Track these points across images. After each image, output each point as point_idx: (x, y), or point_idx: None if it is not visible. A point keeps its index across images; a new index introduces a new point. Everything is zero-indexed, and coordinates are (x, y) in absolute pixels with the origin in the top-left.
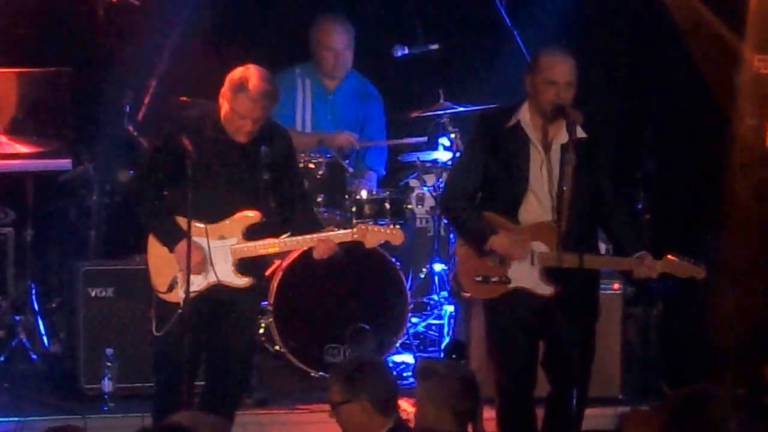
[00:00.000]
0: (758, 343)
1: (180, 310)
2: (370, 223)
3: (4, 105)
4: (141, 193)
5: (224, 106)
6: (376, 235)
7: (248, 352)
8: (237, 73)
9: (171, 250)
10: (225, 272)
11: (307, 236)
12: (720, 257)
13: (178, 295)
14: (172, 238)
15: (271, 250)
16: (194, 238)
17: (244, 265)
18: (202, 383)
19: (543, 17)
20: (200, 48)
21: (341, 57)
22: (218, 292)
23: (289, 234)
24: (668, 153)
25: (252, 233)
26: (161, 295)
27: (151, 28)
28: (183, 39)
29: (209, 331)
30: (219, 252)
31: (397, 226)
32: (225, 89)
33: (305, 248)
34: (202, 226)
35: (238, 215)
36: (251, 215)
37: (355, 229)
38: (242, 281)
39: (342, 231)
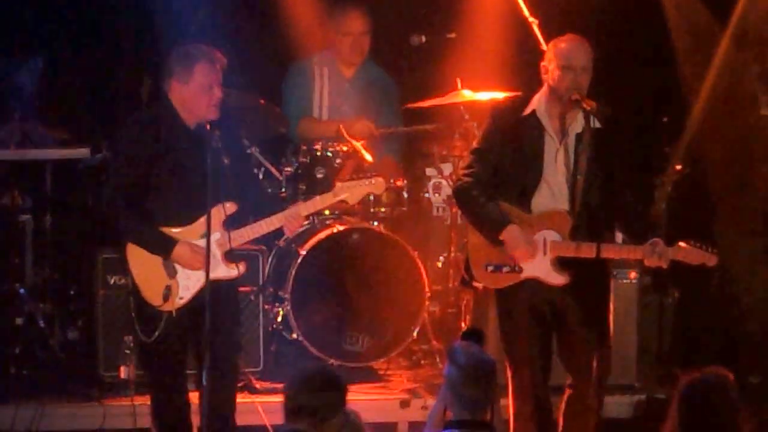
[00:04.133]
0: None
1: (169, 314)
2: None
3: (23, 92)
4: (119, 203)
5: (181, 93)
6: (358, 189)
7: (238, 336)
8: (180, 52)
9: (166, 258)
10: (217, 267)
11: (289, 210)
12: (737, 247)
13: (176, 302)
14: (165, 245)
15: (257, 234)
16: (185, 240)
17: (231, 255)
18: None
19: (559, 5)
20: (218, 38)
21: (358, 42)
22: (211, 288)
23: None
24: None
25: (230, 223)
26: (157, 307)
27: (169, 15)
28: (201, 29)
29: (196, 328)
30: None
31: (374, 177)
32: (177, 73)
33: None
34: (178, 230)
35: (214, 210)
36: (227, 206)
37: (335, 190)
38: (236, 270)
39: (323, 195)
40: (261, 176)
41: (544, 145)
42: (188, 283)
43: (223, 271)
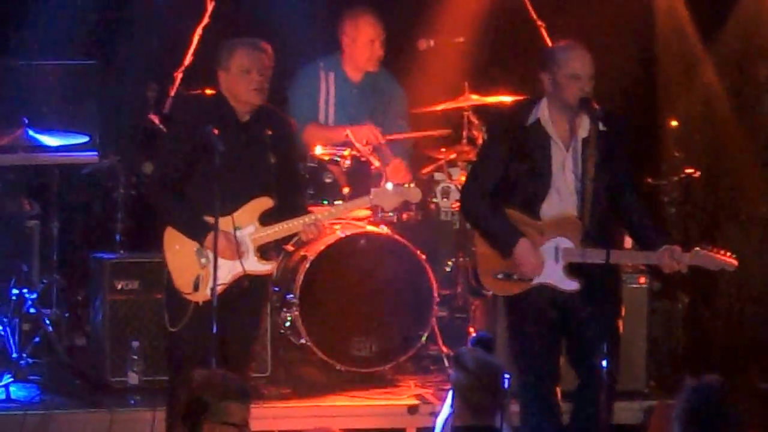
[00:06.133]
0: None
1: (196, 304)
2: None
3: (30, 98)
4: (164, 185)
5: (224, 82)
6: (394, 196)
7: (255, 338)
8: (221, 44)
9: (201, 244)
10: (249, 261)
11: (325, 211)
12: (747, 251)
13: (205, 294)
14: (200, 230)
15: (291, 230)
16: (220, 229)
17: (265, 251)
18: None
19: (564, 8)
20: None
21: (378, 51)
22: (238, 283)
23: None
24: (692, 144)
25: (266, 218)
26: (186, 296)
27: (176, 19)
28: (208, 31)
29: (221, 322)
30: (240, 242)
31: (413, 185)
32: (221, 61)
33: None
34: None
35: (252, 203)
36: (264, 201)
37: (372, 195)
38: (267, 267)
39: (360, 199)
40: None
41: (550, 153)
42: (219, 274)
43: (252, 264)
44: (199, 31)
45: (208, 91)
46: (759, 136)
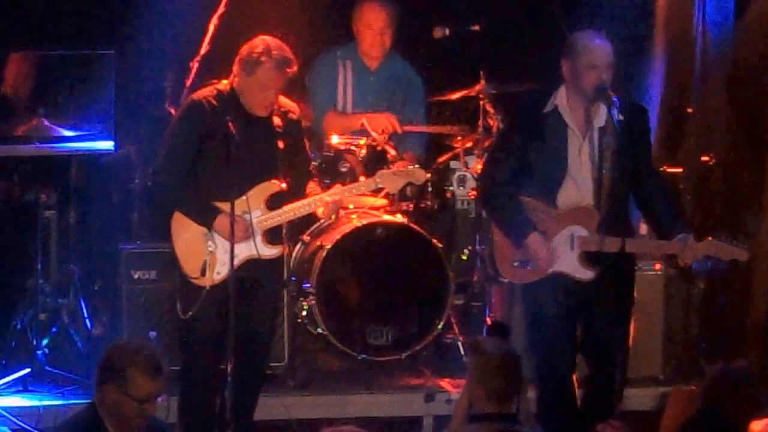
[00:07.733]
0: None
1: (206, 290)
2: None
3: (46, 88)
4: (171, 171)
5: (240, 82)
6: (399, 177)
7: (272, 330)
8: (254, 44)
9: (210, 228)
10: (257, 245)
11: (331, 191)
12: (764, 238)
13: (212, 278)
14: (209, 215)
15: (298, 214)
16: (227, 212)
17: (272, 235)
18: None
19: None
20: (242, 30)
21: (379, 36)
22: (248, 268)
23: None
24: (710, 133)
25: (273, 202)
26: (194, 281)
27: (192, 9)
28: (224, 21)
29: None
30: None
31: (417, 165)
32: (242, 64)
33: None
34: (221, 204)
35: (260, 187)
36: (272, 184)
37: (377, 177)
38: (274, 251)
39: (366, 180)
40: None
41: (567, 140)
42: (226, 259)
43: (260, 249)
44: (215, 20)
45: (224, 82)
46: None
